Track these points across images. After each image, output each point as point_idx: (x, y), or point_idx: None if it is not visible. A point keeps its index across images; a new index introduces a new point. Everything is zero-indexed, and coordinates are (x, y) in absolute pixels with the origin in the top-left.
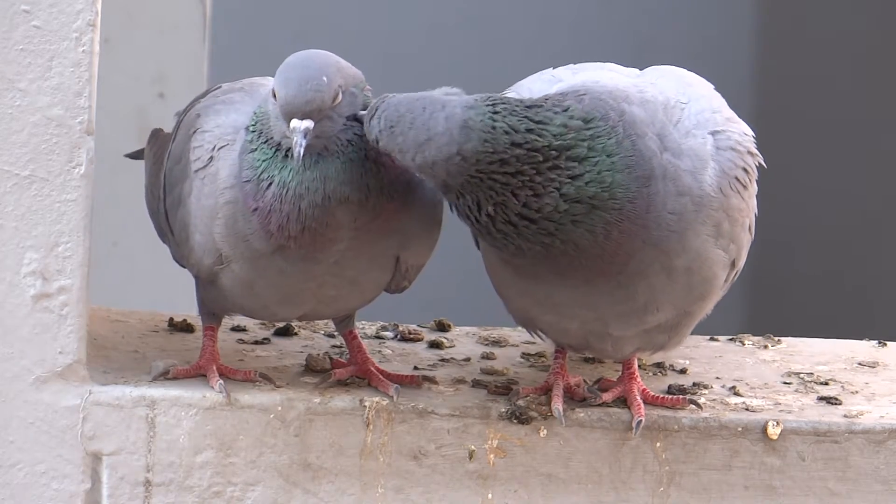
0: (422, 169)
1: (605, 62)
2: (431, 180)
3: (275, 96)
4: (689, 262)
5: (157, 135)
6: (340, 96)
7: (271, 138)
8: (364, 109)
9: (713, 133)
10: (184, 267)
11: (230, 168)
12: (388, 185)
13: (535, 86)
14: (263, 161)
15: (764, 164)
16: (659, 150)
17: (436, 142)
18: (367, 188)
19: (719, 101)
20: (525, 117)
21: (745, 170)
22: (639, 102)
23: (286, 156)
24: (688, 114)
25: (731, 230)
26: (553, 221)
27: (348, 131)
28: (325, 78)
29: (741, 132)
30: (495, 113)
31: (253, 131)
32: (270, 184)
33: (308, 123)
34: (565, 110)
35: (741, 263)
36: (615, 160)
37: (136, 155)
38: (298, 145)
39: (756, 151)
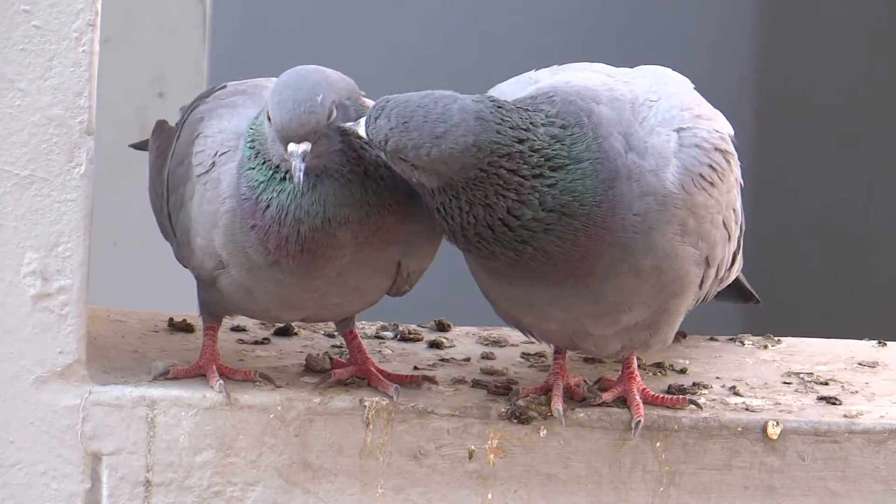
0: (436, 163)
1: (595, 62)
2: (434, 178)
3: (269, 119)
4: (656, 261)
5: (161, 127)
6: (335, 113)
7: (269, 160)
8: (357, 119)
9: (678, 130)
10: (186, 267)
11: (230, 178)
12: (388, 198)
13: (510, 88)
14: (261, 182)
15: (738, 160)
16: (624, 149)
17: (453, 133)
18: (367, 205)
19: (692, 99)
20: (521, 117)
21: (711, 167)
22: (607, 101)
23: (284, 178)
24: (654, 111)
25: (697, 227)
26: (528, 230)
27: (345, 152)
28: (319, 98)
29: (710, 129)
30: (499, 108)
31: (251, 148)
32: (268, 206)
33: (306, 146)
34: (547, 116)
35: (721, 260)
36: (584, 166)
37: (140, 146)
38: (298, 170)
39: (727, 148)
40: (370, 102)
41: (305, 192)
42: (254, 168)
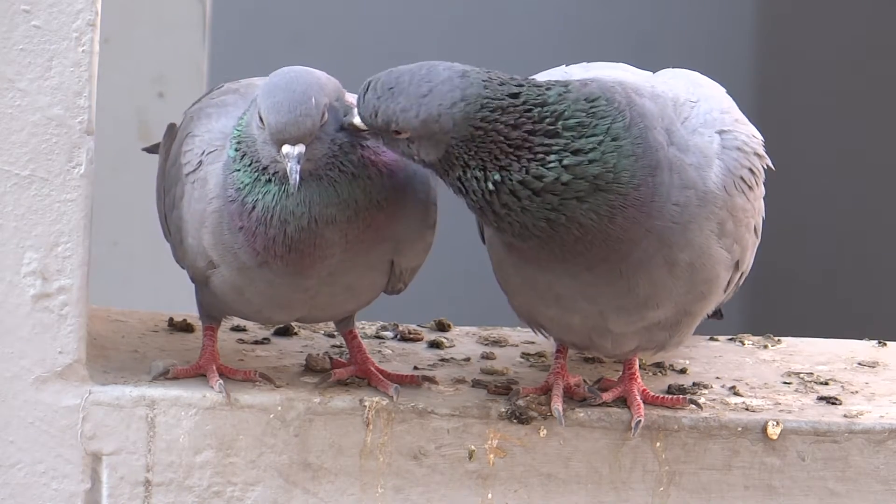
0: (427, 123)
1: (615, 63)
2: (433, 148)
3: (261, 120)
4: (691, 257)
5: (171, 129)
6: (326, 115)
7: (257, 161)
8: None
9: (720, 132)
10: (182, 267)
11: (217, 178)
12: (377, 196)
13: (545, 79)
14: (247, 185)
15: (772, 167)
16: (666, 143)
17: (439, 89)
18: (355, 204)
19: (729, 103)
20: (512, 79)
21: (751, 170)
22: (650, 96)
23: (270, 180)
24: (696, 112)
25: (735, 230)
26: (556, 195)
27: (334, 154)
28: (313, 100)
29: (749, 134)
30: (489, 71)
31: (237, 150)
32: (254, 207)
33: (300, 148)
34: (564, 85)
35: (746, 266)
36: (622, 144)
37: (152, 149)
38: (294, 172)
39: (763, 154)
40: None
41: (290, 193)
42: (239, 170)
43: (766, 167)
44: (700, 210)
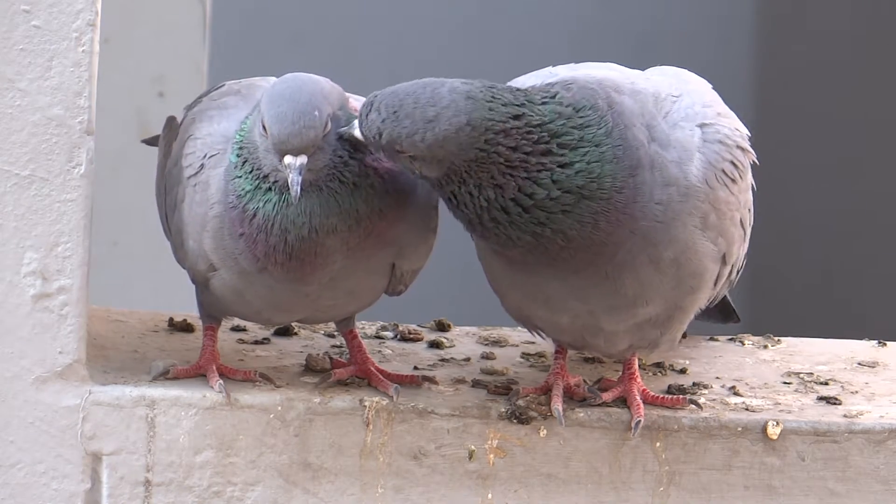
0: (432, 148)
1: (605, 62)
2: (435, 166)
3: (264, 129)
4: (676, 253)
5: (170, 123)
6: (329, 125)
7: (258, 169)
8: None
9: (701, 126)
10: (182, 267)
11: (218, 182)
12: (378, 204)
13: (529, 81)
14: (248, 192)
15: (757, 161)
16: (647, 140)
17: (444, 115)
18: (356, 213)
19: (712, 97)
20: (514, 95)
21: (733, 163)
22: (629, 93)
23: (270, 188)
24: (678, 107)
25: (718, 223)
26: (544, 210)
27: (335, 165)
28: (317, 112)
29: (732, 127)
30: (490, 87)
31: (238, 156)
32: (255, 215)
33: (302, 160)
34: (553, 97)
35: (735, 259)
36: (604, 150)
37: (151, 141)
38: (296, 183)
39: (747, 147)
40: (358, 106)
41: (293, 203)
42: (241, 176)
43: (751, 161)
44: (682, 206)
